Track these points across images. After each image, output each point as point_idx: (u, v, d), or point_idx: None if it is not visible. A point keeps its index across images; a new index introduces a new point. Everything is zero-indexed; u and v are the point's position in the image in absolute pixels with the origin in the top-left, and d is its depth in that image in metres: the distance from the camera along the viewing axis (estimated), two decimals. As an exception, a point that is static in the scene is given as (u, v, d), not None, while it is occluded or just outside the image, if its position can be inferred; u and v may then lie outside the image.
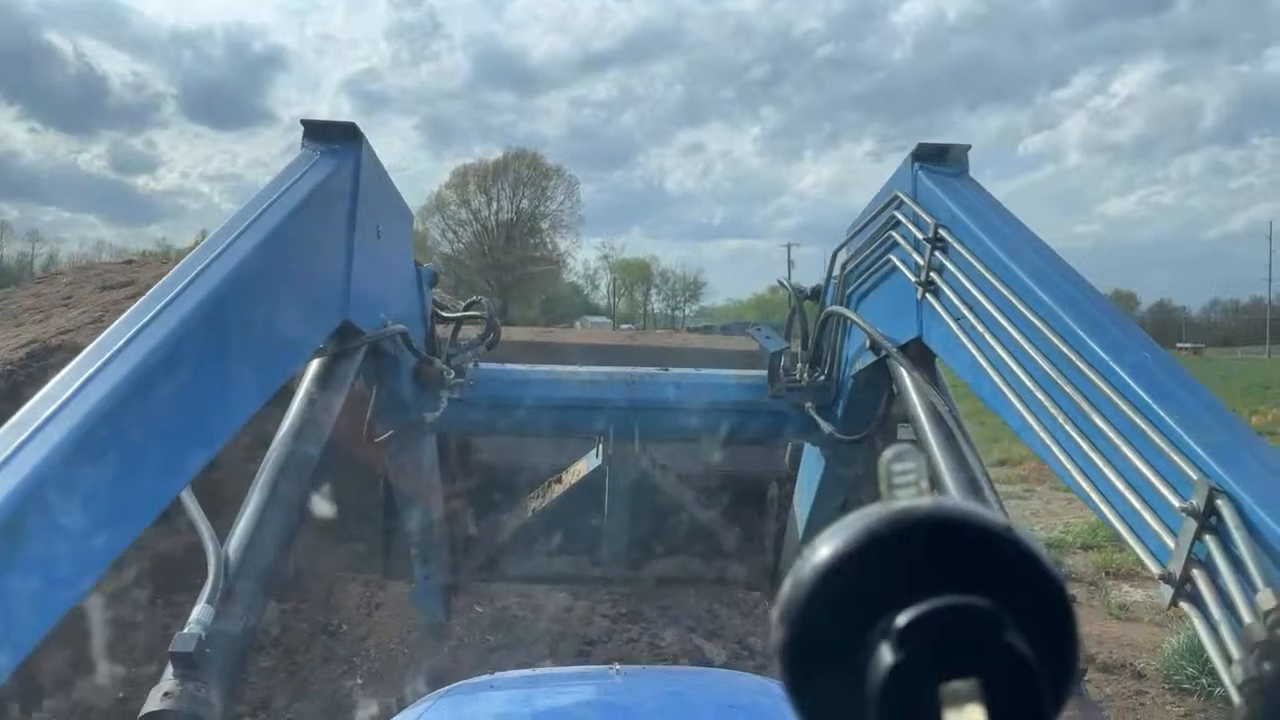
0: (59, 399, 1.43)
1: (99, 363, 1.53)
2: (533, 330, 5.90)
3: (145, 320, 1.66)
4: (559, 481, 4.27)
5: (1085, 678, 1.81)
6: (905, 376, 2.70)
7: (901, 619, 0.42)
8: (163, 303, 1.72)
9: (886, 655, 0.42)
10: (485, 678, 2.16)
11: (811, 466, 4.05)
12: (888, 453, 0.47)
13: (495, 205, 57.56)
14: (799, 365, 3.76)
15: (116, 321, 1.68)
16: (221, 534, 1.88)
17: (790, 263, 68.88)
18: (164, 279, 1.84)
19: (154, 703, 1.54)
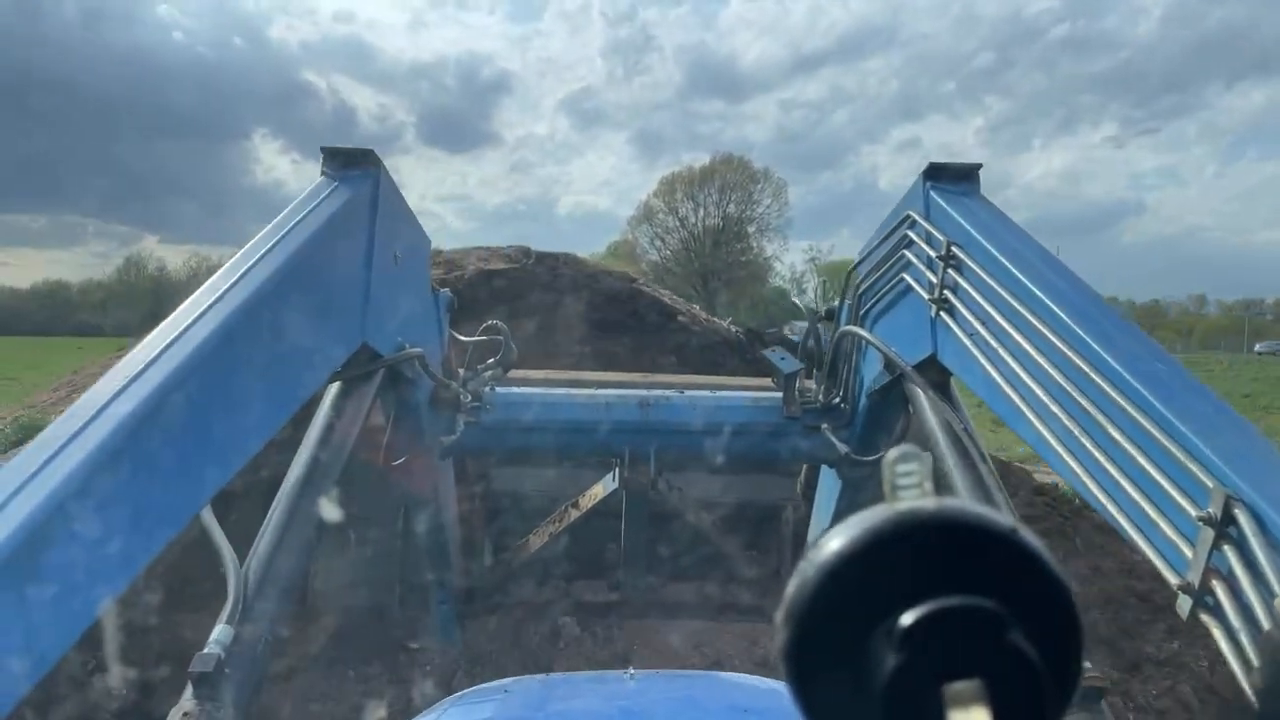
0: (84, 417, 1.46)
1: (124, 381, 1.56)
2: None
3: (169, 341, 1.70)
4: (575, 506, 4.26)
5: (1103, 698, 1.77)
6: (920, 395, 2.69)
7: (906, 620, 0.42)
8: (186, 324, 1.76)
9: (890, 656, 0.42)
10: (499, 682, 2.15)
11: (828, 488, 4.02)
12: (892, 453, 0.47)
13: (702, 211, 56.55)
14: (815, 386, 3.75)
15: (142, 342, 1.72)
16: (236, 544, 1.91)
17: None
18: (188, 301, 1.88)
19: None
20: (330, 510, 2.20)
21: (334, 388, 2.60)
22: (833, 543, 0.44)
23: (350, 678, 4.53)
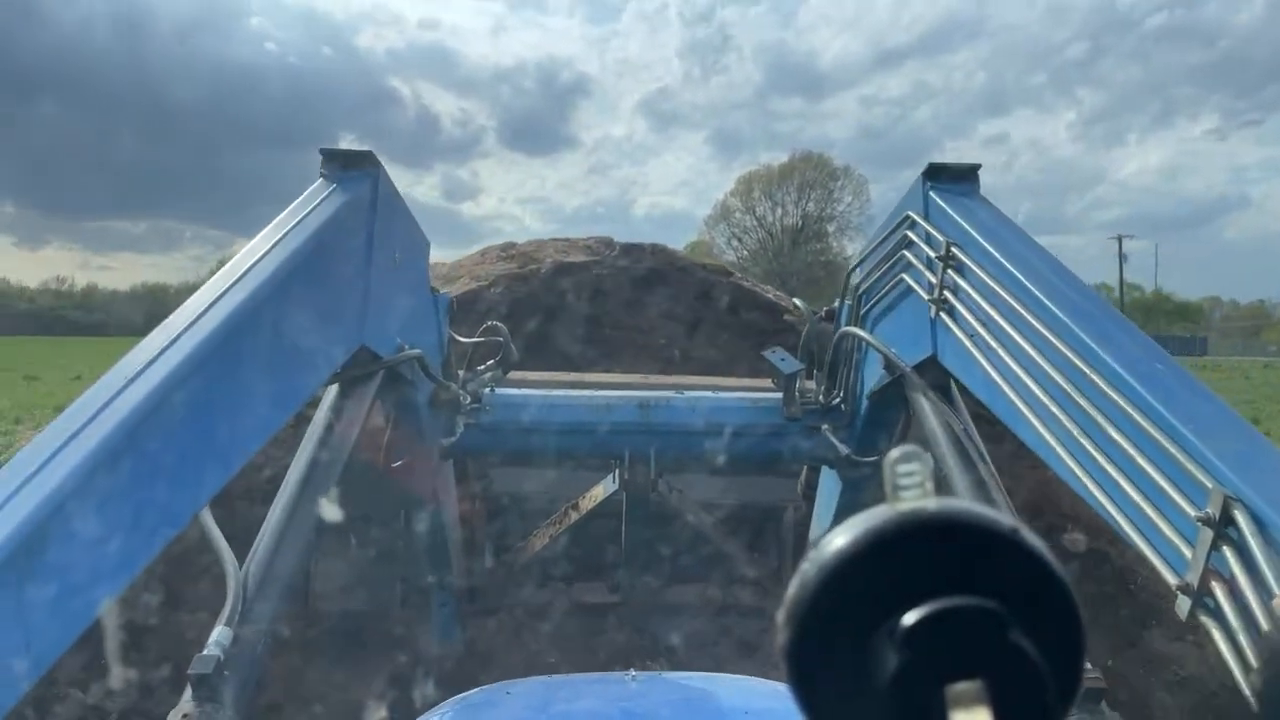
0: (84, 416, 1.46)
1: (122, 383, 1.55)
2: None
3: (169, 341, 1.69)
4: (575, 508, 4.26)
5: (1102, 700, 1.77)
6: (920, 396, 2.69)
7: (907, 620, 0.42)
8: (184, 326, 1.75)
9: (892, 657, 0.42)
10: (501, 684, 2.15)
11: (828, 489, 4.02)
12: (893, 453, 0.47)
13: (780, 210, 55.02)
14: (815, 387, 3.75)
15: (139, 344, 1.71)
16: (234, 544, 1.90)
17: (1123, 256, 60.64)
18: (187, 302, 1.88)
19: None
20: (330, 511, 2.20)
21: (333, 389, 2.60)
22: (834, 543, 0.44)
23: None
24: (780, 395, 3.70)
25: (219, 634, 1.70)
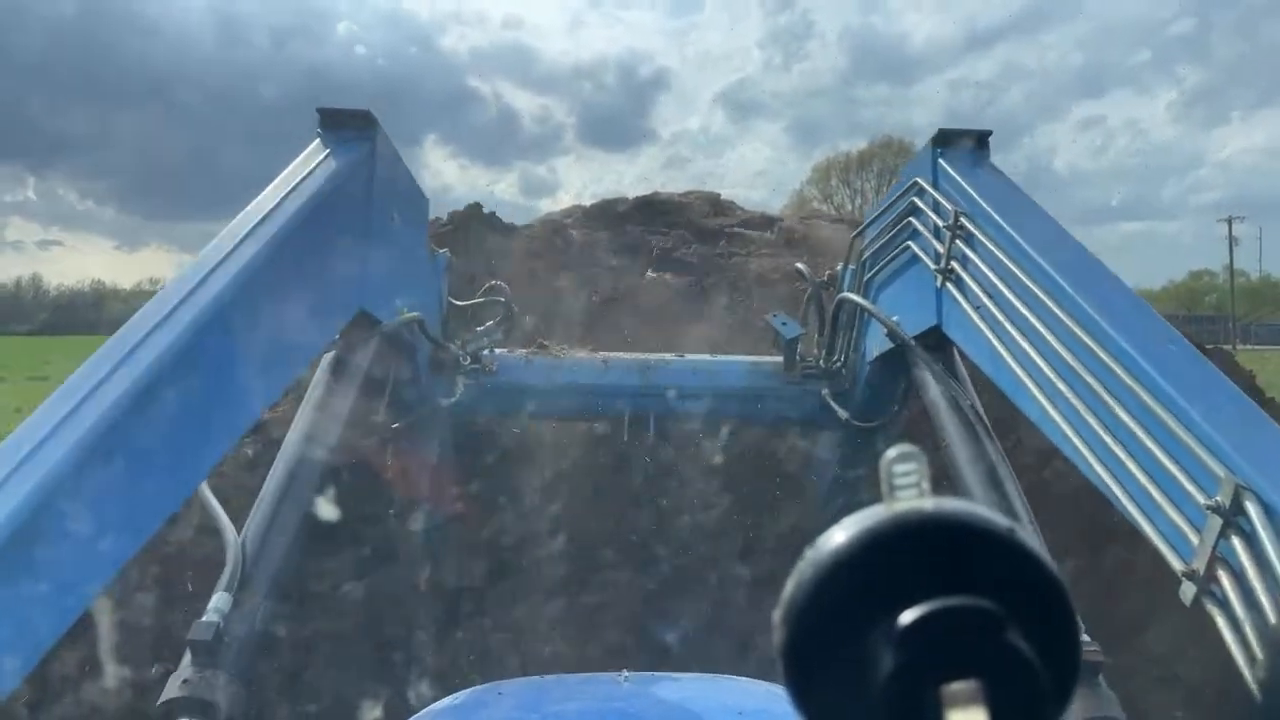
0: (71, 403, 1.43)
1: (113, 364, 1.52)
2: None
3: (160, 318, 1.66)
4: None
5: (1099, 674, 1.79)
6: (922, 366, 2.68)
7: (904, 619, 0.42)
8: (179, 299, 1.72)
9: (888, 656, 0.42)
10: (493, 684, 2.15)
11: (828, 451, 4.04)
12: (890, 453, 0.46)
13: (860, 199, 50.67)
14: (816, 352, 3.75)
15: (131, 320, 1.67)
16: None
17: (1233, 239, 56.75)
18: (183, 269, 1.85)
19: (173, 690, 1.57)
20: (323, 492, 2.19)
21: (330, 355, 2.59)
22: (830, 543, 0.44)
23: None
24: (780, 359, 3.71)
25: (218, 600, 1.71)
